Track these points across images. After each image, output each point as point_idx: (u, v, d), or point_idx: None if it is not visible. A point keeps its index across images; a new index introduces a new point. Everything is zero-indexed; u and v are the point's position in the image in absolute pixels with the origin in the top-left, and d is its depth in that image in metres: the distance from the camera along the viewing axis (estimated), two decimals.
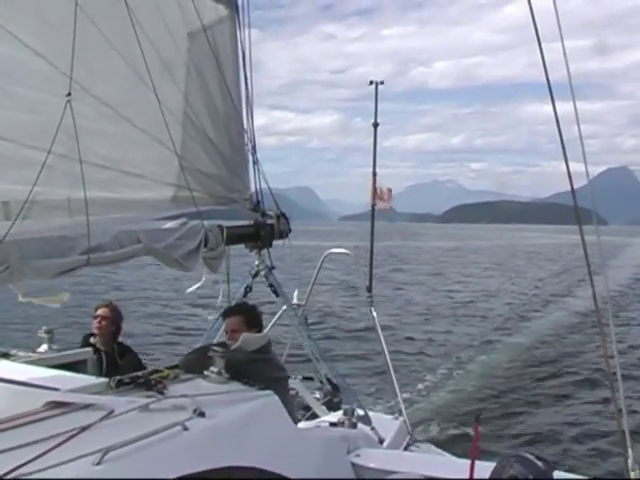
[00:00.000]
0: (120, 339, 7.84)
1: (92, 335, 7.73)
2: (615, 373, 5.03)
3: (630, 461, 4.63)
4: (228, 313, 6.03)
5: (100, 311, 7.71)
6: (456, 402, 15.84)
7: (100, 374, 6.58)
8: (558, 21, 4.80)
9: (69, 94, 4.86)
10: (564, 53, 4.79)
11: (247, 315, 5.90)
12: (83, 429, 3.54)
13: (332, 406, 8.31)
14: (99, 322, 7.65)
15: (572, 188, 4.96)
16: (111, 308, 7.80)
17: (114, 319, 7.77)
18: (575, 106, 4.85)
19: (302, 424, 7.04)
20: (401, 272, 56.18)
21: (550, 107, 5.08)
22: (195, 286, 6.36)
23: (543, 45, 4.85)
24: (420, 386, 17.22)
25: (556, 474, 4.17)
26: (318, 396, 8.62)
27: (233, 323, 5.88)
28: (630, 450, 4.66)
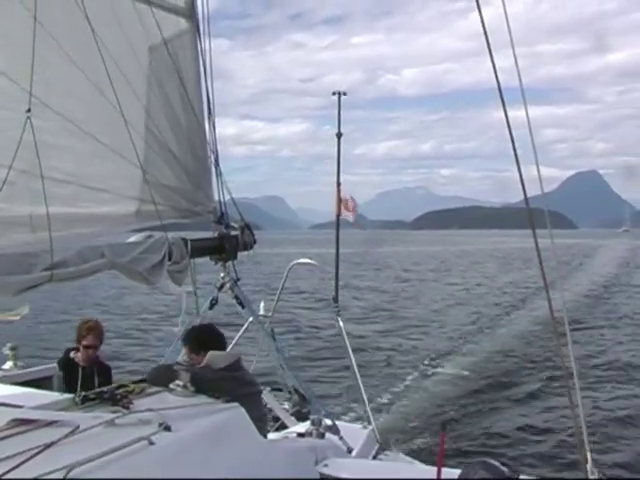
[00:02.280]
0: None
1: (74, 350, 7.66)
2: (572, 377, 5.10)
3: (589, 465, 4.71)
4: (182, 340, 6.11)
5: (90, 340, 7.61)
6: (424, 410, 15.88)
7: (74, 391, 6.53)
8: (509, 29, 4.89)
9: (29, 110, 4.84)
10: (515, 61, 4.90)
11: (191, 345, 5.93)
12: (48, 446, 3.52)
13: (301, 417, 8.32)
14: (87, 352, 7.57)
15: (525, 194, 5.05)
16: (97, 331, 7.71)
17: (100, 342, 7.73)
18: (527, 111, 4.96)
19: (270, 435, 7.04)
20: (368, 280, 56.34)
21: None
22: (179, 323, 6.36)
23: (510, 50, 4.96)
24: (388, 395, 17.24)
25: (521, 478, 4.23)
26: (287, 407, 8.62)
27: (186, 351, 5.98)
28: (589, 453, 4.73)
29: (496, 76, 4.97)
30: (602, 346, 24.60)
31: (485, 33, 4.81)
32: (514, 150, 5.01)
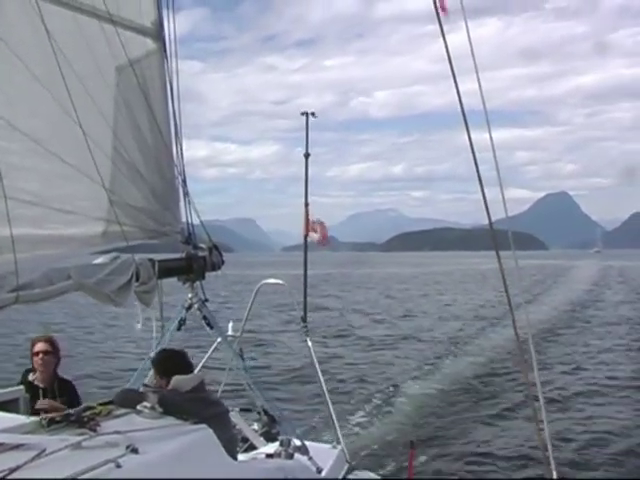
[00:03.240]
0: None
1: (31, 371, 7.52)
2: (537, 396, 5.16)
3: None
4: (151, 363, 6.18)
5: (40, 346, 7.43)
6: (393, 429, 15.92)
7: (38, 413, 6.42)
8: (473, 54, 4.94)
9: None
10: (479, 85, 4.95)
11: (157, 369, 5.96)
12: (13, 470, 3.48)
13: (270, 437, 8.28)
14: (41, 358, 7.40)
15: (489, 216, 5.09)
16: (51, 341, 7.56)
17: (55, 352, 7.54)
18: (490, 134, 5.02)
19: (239, 456, 6.99)
20: (338, 300, 56.46)
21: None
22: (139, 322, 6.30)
23: (484, 73, 5.02)
24: (358, 414, 17.27)
25: None
26: (256, 427, 8.58)
27: (154, 375, 6.03)
28: (554, 471, 4.78)
29: (460, 100, 5.05)
30: (570, 364, 24.85)
31: (449, 58, 4.89)
32: (477, 173, 5.08)
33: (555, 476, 4.76)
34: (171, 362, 5.90)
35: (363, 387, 20.95)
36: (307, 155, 9.56)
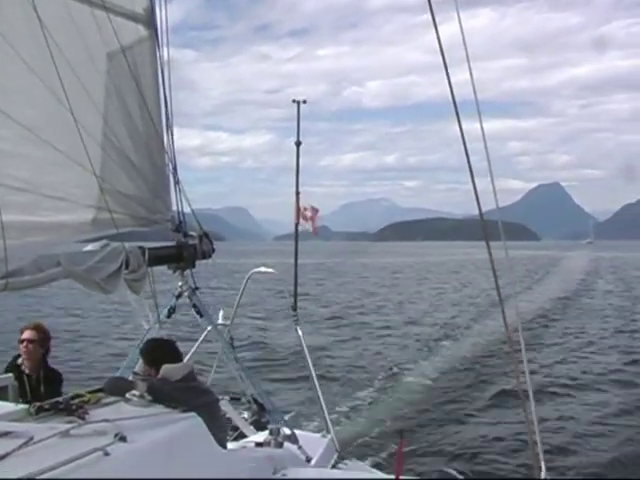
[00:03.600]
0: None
1: (20, 357, 7.51)
2: (527, 390, 5.17)
3: (543, 473, 4.76)
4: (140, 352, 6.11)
5: (26, 334, 7.43)
6: (383, 419, 15.94)
7: (24, 400, 6.41)
8: (465, 44, 4.95)
9: None
10: (470, 75, 4.96)
11: (145, 358, 5.93)
12: (1, 458, 3.47)
13: (260, 426, 8.29)
14: (26, 346, 7.40)
15: (479, 206, 5.09)
16: (39, 329, 7.55)
17: (42, 341, 7.53)
18: (481, 124, 5.03)
19: (229, 445, 7.00)
20: (329, 290, 56.50)
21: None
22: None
23: (477, 64, 5.04)
24: (348, 403, 17.28)
25: None
26: (246, 416, 8.59)
27: (142, 363, 5.97)
28: (542, 463, 4.79)
29: (451, 90, 5.06)
30: (559, 356, 24.94)
31: (441, 48, 4.90)
32: (468, 163, 5.08)
33: (544, 469, 4.78)
34: (160, 351, 5.88)
35: (353, 376, 20.94)
36: (298, 143, 9.53)
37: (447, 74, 4.99)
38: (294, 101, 9.51)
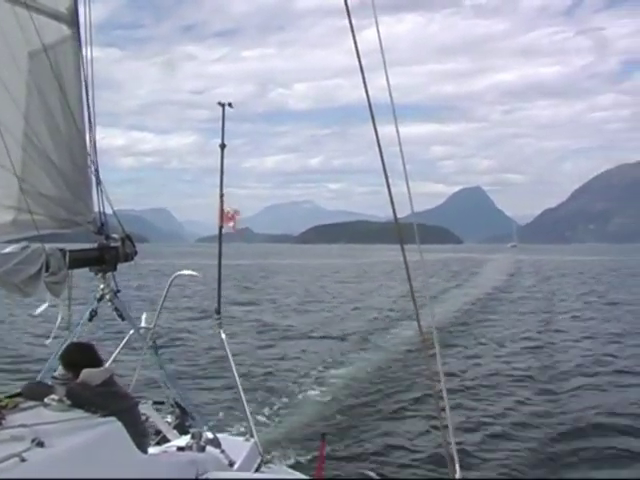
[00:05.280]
0: None
1: None
2: (441, 391, 5.26)
3: (457, 475, 4.85)
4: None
5: None
6: (307, 422, 15.99)
7: None
8: (382, 49, 5.04)
9: None
10: (387, 79, 5.06)
11: (65, 363, 5.77)
12: None
13: (183, 430, 8.24)
14: None
15: (393, 209, 5.18)
16: None
17: None
18: (397, 127, 5.11)
19: (150, 449, 6.93)
20: (251, 292, 56.48)
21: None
22: (40, 308, 6.13)
23: (404, 68, 5.15)
24: (271, 407, 17.28)
25: None
26: (170, 420, 8.52)
27: (62, 369, 5.79)
28: (457, 465, 4.88)
29: (367, 93, 5.16)
30: (475, 358, 25.37)
31: (357, 52, 4.99)
32: (383, 165, 5.17)
33: (457, 469, 4.86)
34: (79, 355, 5.78)
35: (276, 380, 20.95)
36: (223, 146, 9.48)
37: (363, 77, 5.10)
38: (219, 104, 9.45)
